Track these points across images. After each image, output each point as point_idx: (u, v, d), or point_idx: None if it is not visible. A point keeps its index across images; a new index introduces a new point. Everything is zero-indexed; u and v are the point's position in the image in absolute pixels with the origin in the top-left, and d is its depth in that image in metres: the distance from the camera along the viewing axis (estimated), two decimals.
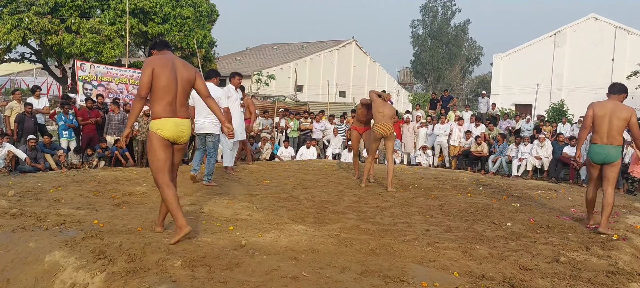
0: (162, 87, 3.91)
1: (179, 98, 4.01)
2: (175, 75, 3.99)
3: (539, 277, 3.49)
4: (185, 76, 4.06)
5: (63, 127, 10.94)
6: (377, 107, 7.41)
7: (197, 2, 23.84)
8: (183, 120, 4.03)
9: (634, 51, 25.13)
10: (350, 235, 4.40)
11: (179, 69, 4.04)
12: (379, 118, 7.33)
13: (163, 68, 3.92)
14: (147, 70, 3.90)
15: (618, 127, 5.18)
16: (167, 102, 3.95)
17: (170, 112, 3.96)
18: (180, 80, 4.01)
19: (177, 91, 3.99)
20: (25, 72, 36.09)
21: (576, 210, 6.22)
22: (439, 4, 54.43)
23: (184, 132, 4.04)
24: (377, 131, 7.36)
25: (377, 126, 7.34)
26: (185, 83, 4.06)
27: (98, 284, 3.11)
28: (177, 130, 3.97)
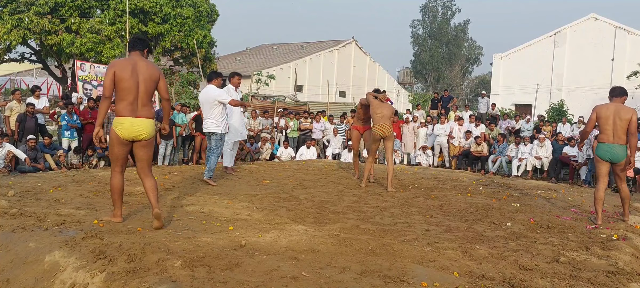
0: (124, 88, 4.14)
1: (140, 98, 4.21)
2: (137, 76, 4.18)
3: (539, 277, 3.49)
4: (147, 77, 4.22)
5: (65, 127, 10.94)
6: (374, 108, 7.43)
7: (197, 2, 23.83)
8: (141, 120, 4.23)
9: (634, 51, 25.14)
10: (350, 235, 4.40)
11: (141, 70, 4.21)
12: (377, 119, 7.35)
13: (124, 70, 4.13)
14: (110, 72, 4.14)
15: (621, 127, 5.53)
16: (128, 102, 4.18)
17: (130, 112, 4.19)
18: (142, 82, 4.20)
19: (138, 92, 4.19)
20: (25, 72, 36.09)
21: (576, 210, 6.22)
22: (439, 4, 54.45)
23: (141, 131, 4.25)
24: (375, 132, 7.39)
25: (376, 127, 7.37)
26: (148, 83, 4.24)
27: (98, 284, 3.11)
28: (132, 129, 4.22)
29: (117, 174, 4.37)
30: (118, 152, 4.32)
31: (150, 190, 4.37)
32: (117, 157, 4.34)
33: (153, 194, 4.34)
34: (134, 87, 4.17)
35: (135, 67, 4.20)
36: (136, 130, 4.24)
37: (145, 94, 4.24)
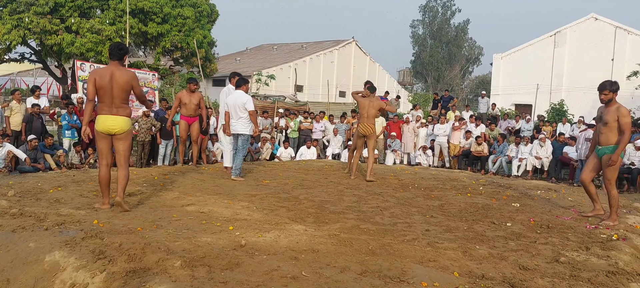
0: (102, 93, 5.01)
1: (115, 100, 5.05)
2: (112, 82, 5.00)
3: (539, 277, 3.49)
4: (120, 82, 5.03)
5: (66, 126, 10.93)
6: (361, 108, 8.09)
7: (197, 2, 23.81)
8: (115, 117, 5.08)
9: (634, 51, 25.13)
10: (350, 235, 4.40)
11: (115, 77, 5.02)
12: (363, 118, 8.05)
13: (102, 78, 4.98)
14: (91, 80, 5.00)
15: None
16: (105, 104, 5.05)
17: (107, 111, 5.05)
18: (115, 86, 5.02)
19: (113, 94, 5.03)
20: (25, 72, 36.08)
21: (576, 210, 6.22)
22: (439, 3, 54.44)
23: (114, 126, 5.08)
24: (359, 130, 8.14)
25: (359, 125, 8.12)
26: (121, 87, 5.04)
27: (98, 284, 3.11)
28: (106, 124, 5.06)
29: (104, 167, 5.19)
30: (100, 145, 5.17)
31: (120, 179, 5.17)
32: (100, 150, 5.19)
33: (121, 184, 5.15)
34: (109, 92, 5.00)
35: (112, 75, 5.00)
36: (110, 125, 5.06)
37: (119, 96, 5.05)
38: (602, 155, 5.57)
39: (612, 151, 5.46)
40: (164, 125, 11.55)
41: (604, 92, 5.48)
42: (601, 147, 5.58)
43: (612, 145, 5.50)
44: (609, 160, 5.43)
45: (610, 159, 5.41)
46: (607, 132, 5.50)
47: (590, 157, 5.83)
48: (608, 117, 5.48)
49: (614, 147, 5.47)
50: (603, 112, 5.58)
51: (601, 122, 5.58)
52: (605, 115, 5.53)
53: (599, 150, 5.62)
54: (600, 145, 5.60)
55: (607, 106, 5.55)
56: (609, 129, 5.49)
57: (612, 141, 5.48)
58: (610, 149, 5.49)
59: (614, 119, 5.41)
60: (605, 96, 5.48)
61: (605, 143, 5.54)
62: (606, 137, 5.52)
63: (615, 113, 5.42)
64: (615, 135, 5.46)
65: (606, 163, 5.49)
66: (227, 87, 8.07)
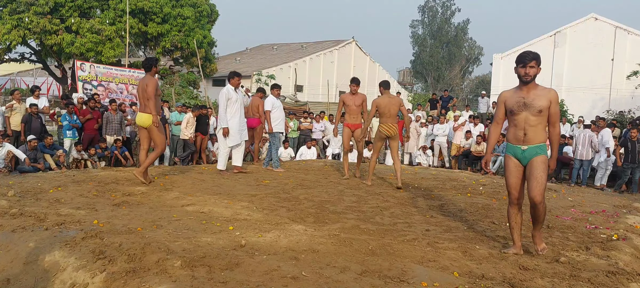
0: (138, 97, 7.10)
1: (140, 101, 6.94)
2: (138, 87, 6.94)
3: (539, 277, 3.49)
4: (139, 88, 6.88)
5: (67, 126, 10.93)
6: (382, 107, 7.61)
7: (197, 2, 23.82)
8: (141, 114, 6.84)
9: (634, 51, 25.12)
10: (350, 235, 4.40)
11: (140, 84, 6.88)
12: (384, 118, 7.64)
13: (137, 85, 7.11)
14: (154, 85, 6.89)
15: None
16: (139, 105, 7.03)
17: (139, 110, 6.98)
18: (139, 90, 6.88)
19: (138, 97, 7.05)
20: (25, 72, 36.08)
21: (576, 210, 6.21)
22: (439, 3, 54.41)
23: (140, 122, 6.86)
24: (381, 131, 7.66)
25: (382, 126, 7.65)
26: (140, 92, 6.86)
27: (98, 284, 3.11)
28: (137, 120, 6.96)
29: (143, 151, 7.13)
30: (141, 134, 7.20)
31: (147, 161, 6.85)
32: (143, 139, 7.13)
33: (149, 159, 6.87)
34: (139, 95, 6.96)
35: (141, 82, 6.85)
36: (138, 121, 6.92)
37: (141, 99, 6.87)
38: (532, 156, 4.05)
39: (546, 152, 4.11)
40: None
41: (531, 64, 4.01)
42: (529, 145, 4.06)
43: (544, 144, 4.12)
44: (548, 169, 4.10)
45: (548, 167, 4.09)
46: (538, 123, 4.04)
47: (510, 163, 4.18)
48: (540, 102, 4.00)
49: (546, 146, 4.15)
50: (526, 94, 4.05)
51: (528, 110, 4.02)
52: (534, 100, 4.01)
53: (526, 150, 4.07)
54: (524, 143, 4.07)
55: (529, 86, 4.05)
56: (542, 119, 4.03)
57: (543, 138, 4.10)
58: (544, 148, 4.10)
59: (547, 105, 4.00)
60: (532, 69, 4.02)
61: (534, 139, 4.06)
62: (535, 131, 4.04)
63: (548, 96, 4.03)
64: (545, 128, 4.13)
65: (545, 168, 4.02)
66: (227, 88, 8.07)
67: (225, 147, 8.16)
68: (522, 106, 4.08)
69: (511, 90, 4.20)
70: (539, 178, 4.01)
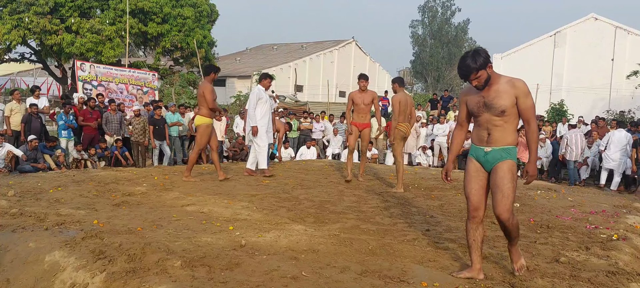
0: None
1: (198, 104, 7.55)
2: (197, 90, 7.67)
3: (539, 277, 3.49)
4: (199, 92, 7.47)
5: (62, 126, 10.94)
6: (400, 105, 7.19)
7: (197, 2, 23.81)
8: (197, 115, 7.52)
9: (634, 51, 25.13)
10: (350, 235, 4.40)
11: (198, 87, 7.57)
12: (402, 116, 7.23)
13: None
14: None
15: None
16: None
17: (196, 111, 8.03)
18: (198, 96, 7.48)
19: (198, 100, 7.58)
20: (25, 72, 36.06)
21: (576, 210, 6.21)
22: (439, 3, 54.40)
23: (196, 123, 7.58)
24: (401, 131, 7.29)
25: (401, 126, 7.26)
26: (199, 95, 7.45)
27: (98, 284, 3.11)
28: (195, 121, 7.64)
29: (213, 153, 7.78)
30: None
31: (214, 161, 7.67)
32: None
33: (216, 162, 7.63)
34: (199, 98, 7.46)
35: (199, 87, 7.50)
36: (195, 122, 7.59)
37: (199, 102, 7.44)
38: (497, 160, 3.42)
39: (514, 156, 3.45)
40: (158, 126, 11.58)
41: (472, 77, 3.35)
42: (493, 147, 3.43)
43: (512, 146, 3.44)
44: (527, 176, 3.47)
45: (526, 177, 3.48)
46: (505, 123, 3.42)
47: (471, 167, 3.57)
48: (502, 101, 3.36)
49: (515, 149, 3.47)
50: (486, 93, 3.42)
51: (490, 111, 3.41)
52: (494, 99, 3.38)
53: (489, 153, 3.45)
54: (488, 145, 3.45)
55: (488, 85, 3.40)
56: (509, 118, 3.41)
57: (511, 139, 3.45)
58: (512, 152, 3.44)
59: (511, 102, 3.36)
60: (476, 80, 3.36)
61: (500, 141, 3.43)
62: (502, 131, 3.42)
63: (512, 91, 3.36)
64: (513, 129, 3.46)
65: (512, 176, 3.37)
66: (259, 88, 8.00)
67: (258, 145, 8.03)
68: (482, 107, 3.45)
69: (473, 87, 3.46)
70: (505, 190, 3.34)
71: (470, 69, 3.33)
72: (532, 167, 3.44)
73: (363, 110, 7.67)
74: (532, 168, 3.44)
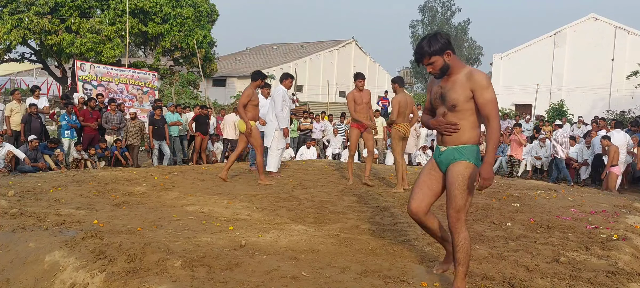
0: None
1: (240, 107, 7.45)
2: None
3: (539, 277, 3.49)
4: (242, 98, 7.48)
5: (66, 126, 10.95)
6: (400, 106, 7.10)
7: (197, 2, 23.83)
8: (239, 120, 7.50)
9: (634, 51, 25.14)
10: (350, 235, 4.40)
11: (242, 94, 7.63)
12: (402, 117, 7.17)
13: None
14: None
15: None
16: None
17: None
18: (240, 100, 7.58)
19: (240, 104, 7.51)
20: (25, 72, 36.08)
21: (576, 210, 6.21)
22: (439, 3, 54.42)
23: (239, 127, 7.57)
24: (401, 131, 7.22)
25: (402, 126, 7.19)
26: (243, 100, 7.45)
27: (98, 284, 3.11)
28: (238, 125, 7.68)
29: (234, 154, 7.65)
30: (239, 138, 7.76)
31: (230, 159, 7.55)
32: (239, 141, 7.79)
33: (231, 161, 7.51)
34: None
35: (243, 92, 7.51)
36: (237, 126, 7.82)
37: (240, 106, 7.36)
38: (450, 162, 3.09)
39: (472, 156, 3.05)
40: (157, 126, 11.59)
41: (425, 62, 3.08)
42: (447, 147, 3.12)
43: (469, 145, 3.07)
44: (480, 180, 2.95)
45: (480, 180, 2.95)
46: (461, 119, 3.06)
47: (426, 166, 3.32)
48: (455, 93, 3.04)
49: (474, 149, 3.08)
50: (444, 83, 3.11)
51: (445, 104, 3.09)
52: (449, 91, 3.06)
53: (443, 153, 3.14)
54: (443, 144, 3.15)
55: (450, 73, 3.08)
56: (465, 114, 3.05)
57: (468, 137, 3.07)
58: (466, 152, 3.06)
59: (466, 96, 3.01)
60: (430, 66, 3.08)
61: (454, 139, 3.09)
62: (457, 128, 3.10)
63: (467, 84, 3.00)
64: (472, 126, 3.07)
65: (463, 181, 3.01)
66: (283, 89, 7.97)
67: (277, 148, 8.00)
68: (438, 99, 3.12)
69: None
70: (453, 195, 2.99)
71: (423, 52, 3.04)
72: (487, 169, 2.94)
73: (363, 110, 7.51)
74: (485, 171, 2.93)
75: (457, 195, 2.99)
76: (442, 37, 3.03)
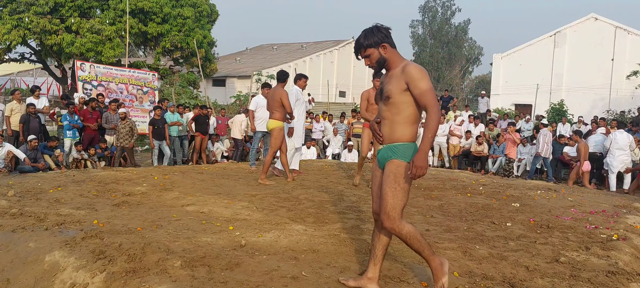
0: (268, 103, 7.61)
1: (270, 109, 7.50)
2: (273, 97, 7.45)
3: (539, 277, 3.49)
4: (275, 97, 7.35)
5: (67, 127, 10.94)
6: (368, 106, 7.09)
7: (197, 2, 23.83)
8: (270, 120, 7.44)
9: (634, 51, 25.14)
10: (350, 235, 4.40)
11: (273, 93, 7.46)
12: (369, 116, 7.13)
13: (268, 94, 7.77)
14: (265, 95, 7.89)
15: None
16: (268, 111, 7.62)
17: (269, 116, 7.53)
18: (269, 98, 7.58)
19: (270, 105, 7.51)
20: (25, 72, 36.08)
21: (576, 210, 6.21)
22: (439, 3, 54.41)
23: (267, 126, 7.49)
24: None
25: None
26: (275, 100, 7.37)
27: (98, 284, 3.11)
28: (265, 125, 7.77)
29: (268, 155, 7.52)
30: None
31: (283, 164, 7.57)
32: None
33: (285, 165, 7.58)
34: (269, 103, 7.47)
35: (273, 92, 7.43)
36: (266, 126, 7.55)
37: (272, 106, 7.33)
38: (384, 161, 3.01)
39: (405, 155, 2.92)
40: (157, 127, 11.58)
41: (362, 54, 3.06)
42: (383, 145, 3.04)
43: (403, 143, 2.95)
44: (410, 171, 2.84)
45: (412, 168, 2.82)
46: (393, 115, 2.96)
47: (373, 168, 3.24)
48: (389, 85, 2.97)
49: (409, 147, 2.95)
50: (384, 78, 3.08)
51: (381, 98, 3.04)
52: (386, 84, 3.01)
53: (379, 151, 3.09)
54: (381, 143, 3.06)
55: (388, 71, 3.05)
56: (398, 109, 2.95)
57: (400, 134, 2.95)
58: (399, 150, 2.94)
59: (400, 88, 2.91)
60: (368, 58, 3.04)
61: (388, 137, 2.99)
62: (390, 125, 2.98)
63: (402, 77, 2.91)
64: (406, 121, 2.95)
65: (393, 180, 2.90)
66: (297, 89, 7.97)
67: (293, 147, 8.05)
68: (378, 94, 3.06)
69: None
70: (383, 195, 2.90)
71: (358, 45, 3.02)
72: (420, 157, 2.80)
73: (376, 111, 7.35)
74: (418, 159, 2.80)
75: (386, 195, 2.90)
76: (379, 31, 2.98)
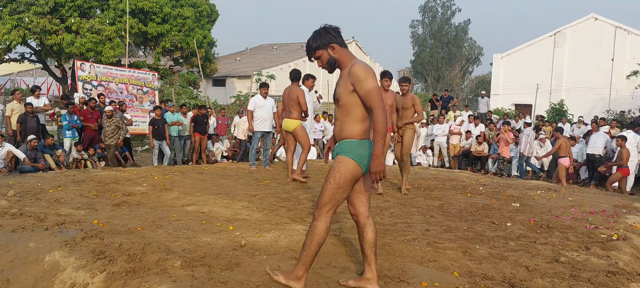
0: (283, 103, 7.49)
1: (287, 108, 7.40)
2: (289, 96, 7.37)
3: (539, 277, 3.49)
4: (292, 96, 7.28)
5: (67, 127, 10.93)
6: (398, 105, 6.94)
7: (197, 2, 23.81)
8: (286, 119, 7.36)
9: (634, 51, 25.13)
10: (350, 235, 4.40)
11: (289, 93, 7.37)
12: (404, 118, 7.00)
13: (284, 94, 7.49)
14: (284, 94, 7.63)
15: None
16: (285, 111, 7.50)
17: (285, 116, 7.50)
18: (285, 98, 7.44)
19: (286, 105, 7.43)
20: (25, 72, 36.06)
21: (576, 210, 6.21)
22: (439, 3, 54.40)
23: (285, 126, 7.39)
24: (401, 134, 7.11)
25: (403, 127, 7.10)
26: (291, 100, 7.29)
27: (98, 284, 3.11)
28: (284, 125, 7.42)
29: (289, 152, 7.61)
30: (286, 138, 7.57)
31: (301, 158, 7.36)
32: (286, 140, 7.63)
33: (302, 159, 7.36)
34: (285, 103, 7.34)
35: (289, 92, 7.32)
36: (285, 126, 7.33)
37: (289, 106, 7.24)
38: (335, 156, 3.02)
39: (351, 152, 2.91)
40: (157, 126, 11.57)
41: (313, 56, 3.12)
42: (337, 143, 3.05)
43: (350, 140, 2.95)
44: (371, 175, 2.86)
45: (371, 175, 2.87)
46: (343, 115, 2.98)
47: None
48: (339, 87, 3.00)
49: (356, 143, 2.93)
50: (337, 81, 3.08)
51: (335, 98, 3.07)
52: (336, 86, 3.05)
53: (334, 149, 3.09)
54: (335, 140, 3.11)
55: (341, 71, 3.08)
56: (347, 109, 2.96)
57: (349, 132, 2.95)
58: (345, 147, 2.95)
59: (347, 90, 2.93)
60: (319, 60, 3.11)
61: (338, 136, 3.03)
62: (340, 125, 3.00)
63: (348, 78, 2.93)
64: (354, 120, 2.94)
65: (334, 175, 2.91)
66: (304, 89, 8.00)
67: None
68: (335, 96, 3.03)
69: None
70: (324, 187, 2.92)
71: (308, 47, 3.03)
72: (375, 163, 2.80)
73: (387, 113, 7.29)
74: (374, 166, 2.80)
75: (325, 188, 2.92)
76: (327, 32, 2.97)
